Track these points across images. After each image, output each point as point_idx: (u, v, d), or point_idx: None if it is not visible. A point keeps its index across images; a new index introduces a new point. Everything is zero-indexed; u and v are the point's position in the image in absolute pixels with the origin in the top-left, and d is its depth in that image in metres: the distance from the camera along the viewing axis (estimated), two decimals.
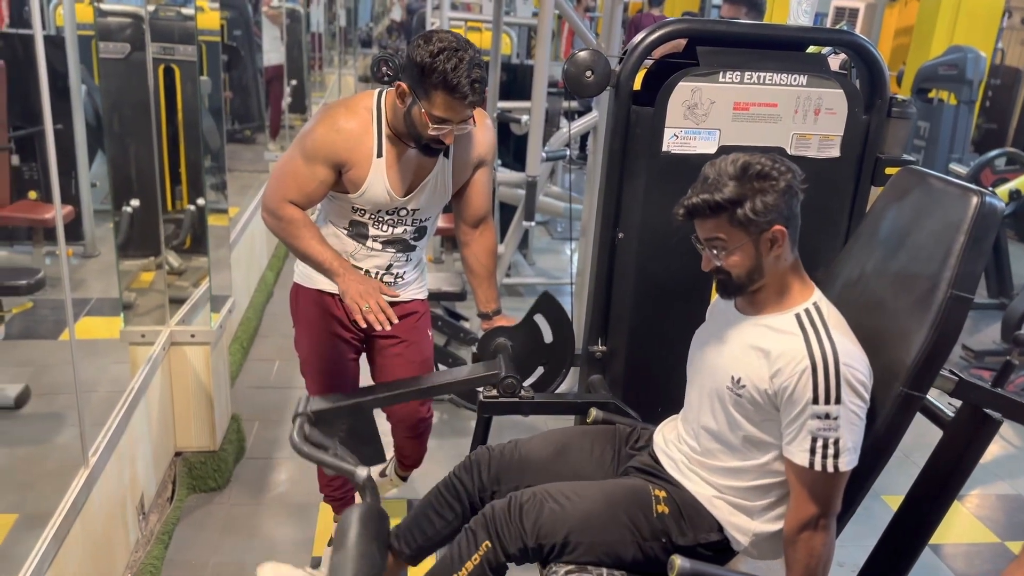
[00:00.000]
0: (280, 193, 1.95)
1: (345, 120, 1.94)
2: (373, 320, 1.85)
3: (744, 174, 1.44)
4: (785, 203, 1.45)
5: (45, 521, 1.78)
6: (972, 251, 1.44)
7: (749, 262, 1.48)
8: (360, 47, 14.30)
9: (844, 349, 1.43)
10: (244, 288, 4.01)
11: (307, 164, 1.92)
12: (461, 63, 1.76)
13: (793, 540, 1.47)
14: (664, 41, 1.99)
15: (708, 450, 1.59)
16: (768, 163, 1.45)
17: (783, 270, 1.51)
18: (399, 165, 1.97)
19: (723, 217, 1.46)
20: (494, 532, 1.54)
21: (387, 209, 2.02)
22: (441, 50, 1.76)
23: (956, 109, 5.29)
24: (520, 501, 1.55)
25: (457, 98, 1.78)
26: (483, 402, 1.96)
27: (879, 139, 2.07)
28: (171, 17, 2.93)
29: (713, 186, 1.45)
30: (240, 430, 2.97)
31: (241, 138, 6.73)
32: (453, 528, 1.72)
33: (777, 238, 1.46)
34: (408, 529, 1.77)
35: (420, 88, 1.81)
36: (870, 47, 2.02)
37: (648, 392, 2.09)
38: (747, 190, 1.44)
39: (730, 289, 1.54)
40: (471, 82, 1.77)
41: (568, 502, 1.55)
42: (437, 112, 1.81)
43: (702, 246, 1.53)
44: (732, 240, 1.47)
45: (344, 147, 1.92)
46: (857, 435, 1.43)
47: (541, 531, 1.52)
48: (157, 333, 2.53)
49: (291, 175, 1.94)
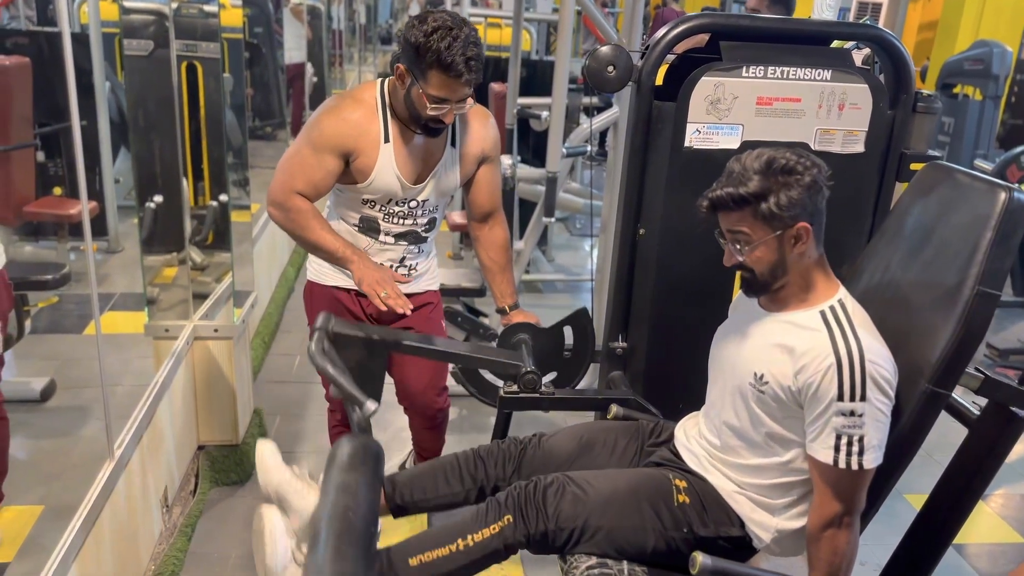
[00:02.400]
0: (288, 185, 1.94)
1: (351, 109, 1.94)
2: (393, 304, 1.81)
3: (769, 168, 1.43)
4: (810, 199, 1.44)
5: (71, 513, 1.80)
6: (999, 247, 1.42)
7: (772, 258, 1.47)
8: (380, 44, 14.35)
9: (869, 346, 1.42)
10: (266, 284, 4.04)
11: (315, 154, 1.92)
12: (456, 41, 1.76)
13: (817, 538, 1.46)
14: (687, 36, 1.98)
15: (730, 447, 1.59)
16: (794, 158, 1.44)
17: (807, 266, 1.50)
18: (407, 152, 1.98)
19: (747, 211, 1.45)
20: (517, 510, 1.53)
21: (397, 200, 2.01)
22: (435, 29, 1.76)
23: (981, 104, 5.22)
24: (544, 484, 1.55)
25: (453, 76, 1.78)
26: (503, 397, 1.96)
27: (904, 134, 2.05)
28: (194, 14, 2.95)
29: (738, 180, 1.45)
30: (262, 424, 2.99)
31: (262, 135, 6.77)
32: (455, 501, 1.71)
33: (801, 235, 1.45)
34: (410, 481, 1.74)
35: (416, 68, 1.81)
36: (895, 41, 2.00)
37: (669, 388, 2.08)
38: (772, 184, 1.43)
39: (754, 287, 1.53)
40: (466, 60, 1.77)
41: (590, 487, 1.55)
42: (433, 91, 1.81)
43: (725, 240, 1.52)
44: (756, 235, 1.46)
45: (351, 135, 1.92)
46: (882, 433, 1.42)
47: (562, 515, 1.52)
48: (181, 328, 2.56)
49: (298, 166, 1.93)
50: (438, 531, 1.57)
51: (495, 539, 1.52)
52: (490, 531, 1.52)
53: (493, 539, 1.51)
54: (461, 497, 1.72)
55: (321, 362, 1.72)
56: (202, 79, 3.19)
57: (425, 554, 1.51)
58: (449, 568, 1.50)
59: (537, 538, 1.53)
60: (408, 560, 1.51)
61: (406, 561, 1.51)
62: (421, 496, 1.72)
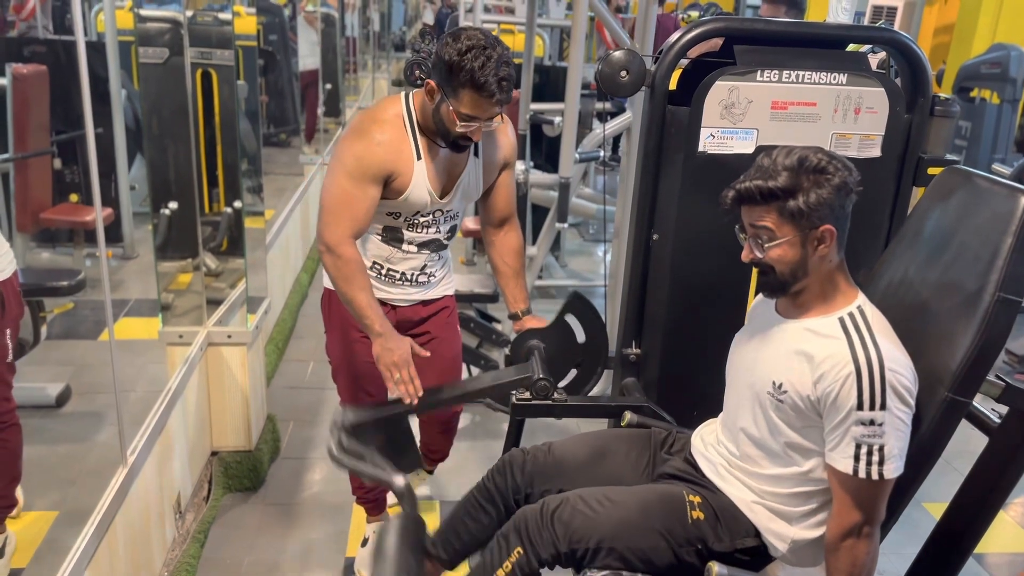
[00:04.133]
0: (339, 227, 1.88)
1: (380, 132, 1.92)
2: (403, 392, 1.86)
3: (801, 166, 1.42)
4: (838, 201, 1.43)
5: (85, 518, 1.80)
6: (1021, 252, 1.39)
7: (794, 258, 1.45)
8: (394, 51, 14.41)
9: (889, 354, 1.40)
10: (279, 290, 4.05)
11: (357, 186, 1.88)
12: (489, 61, 1.75)
13: (836, 548, 1.44)
14: (700, 40, 1.96)
15: (748, 456, 1.57)
16: (826, 158, 1.43)
17: (828, 271, 1.48)
18: (435, 166, 1.98)
19: (773, 207, 1.43)
20: (526, 538, 1.53)
21: (423, 212, 2.01)
22: (469, 48, 1.75)
23: (999, 108, 5.16)
24: (552, 507, 1.54)
25: (485, 96, 1.78)
26: (516, 405, 1.95)
27: (921, 138, 2.02)
28: (208, 22, 2.97)
29: (768, 173, 1.43)
30: (275, 430, 2.99)
31: (277, 142, 6.81)
32: (489, 532, 1.71)
33: (825, 237, 1.44)
34: (445, 534, 1.77)
35: (448, 86, 1.80)
36: (912, 44, 1.98)
37: (683, 396, 2.06)
38: (802, 182, 1.41)
39: (772, 286, 1.51)
40: (499, 80, 1.76)
41: (601, 508, 1.53)
42: (465, 110, 1.81)
43: (745, 235, 1.50)
44: (780, 232, 1.44)
45: (388, 158, 1.90)
46: (903, 442, 1.40)
47: (573, 536, 1.51)
48: (194, 334, 2.56)
49: (343, 203, 1.89)
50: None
51: (512, 575, 1.53)
52: (504, 570, 1.53)
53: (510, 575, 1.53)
54: (494, 526, 1.72)
55: (345, 462, 1.76)
56: (216, 86, 3.21)
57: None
58: None
59: (549, 561, 1.53)
60: None
61: None
62: (459, 543, 1.75)
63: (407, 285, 2.11)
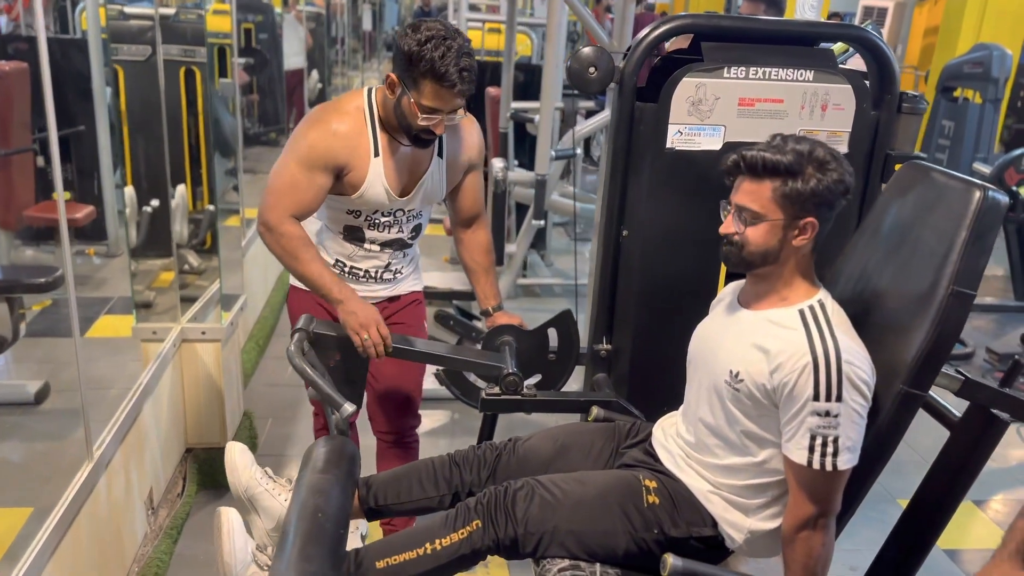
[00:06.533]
0: (280, 206, 1.87)
1: (338, 122, 1.89)
2: (371, 349, 1.85)
3: (810, 154, 1.44)
4: (830, 196, 1.45)
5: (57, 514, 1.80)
6: (974, 247, 1.40)
7: (771, 241, 1.46)
8: (386, 51, 14.40)
9: (847, 346, 1.41)
10: (262, 287, 4.05)
11: (305, 172, 1.86)
12: (449, 51, 1.73)
13: (791, 539, 1.45)
14: (668, 37, 1.97)
15: (705, 445, 1.57)
16: (831, 156, 1.45)
17: (797, 263, 1.49)
18: (395, 163, 1.95)
19: (768, 184, 1.44)
20: (487, 515, 1.52)
21: (384, 211, 1.99)
22: (429, 38, 1.73)
23: (981, 108, 5.19)
24: (514, 489, 1.54)
25: (446, 87, 1.75)
26: (484, 400, 1.95)
27: (889, 135, 2.04)
28: (192, 20, 2.97)
29: (778, 149, 1.44)
30: (252, 427, 2.99)
31: (266, 140, 6.81)
32: (429, 506, 1.70)
33: (807, 229, 1.45)
34: (385, 484, 1.73)
35: (408, 78, 1.78)
36: (878, 41, 1.99)
37: (653, 391, 2.07)
38: (806, 167, 1.43)
39: (736, 261, 1.51)
40: (460, 70, 1.74)
41: (559, 491, 1.54)
42: (426, 102, 1.78)
43: (729, 209, 1.51)
44: (766, 212, 1.45)
45: (342, 150, 1.88)
46: (858, 434, 1.41)
47: (531, 520, 1.51)
48: (168, 330, 2.56)
49: (289, 186, 1.86)
50: (406, 534, 1.57)
51: (463, 544, 1.51)
52: (459, 536, 1.51)
53: (462, 544, 1.50)
54: (435, 502, 1.71)
55: (299, 363, 1.71)
56: (200, 84, 3.21)
57: (393, 557, 1.50)
58: (416, 572, 1.49)
59: (507, 543, 1.52)
60: (375, 563, 1.50)
61: (373, 564, 1.50)
62: (395, 500, 1.71)
63: (371, 282, 2.09)
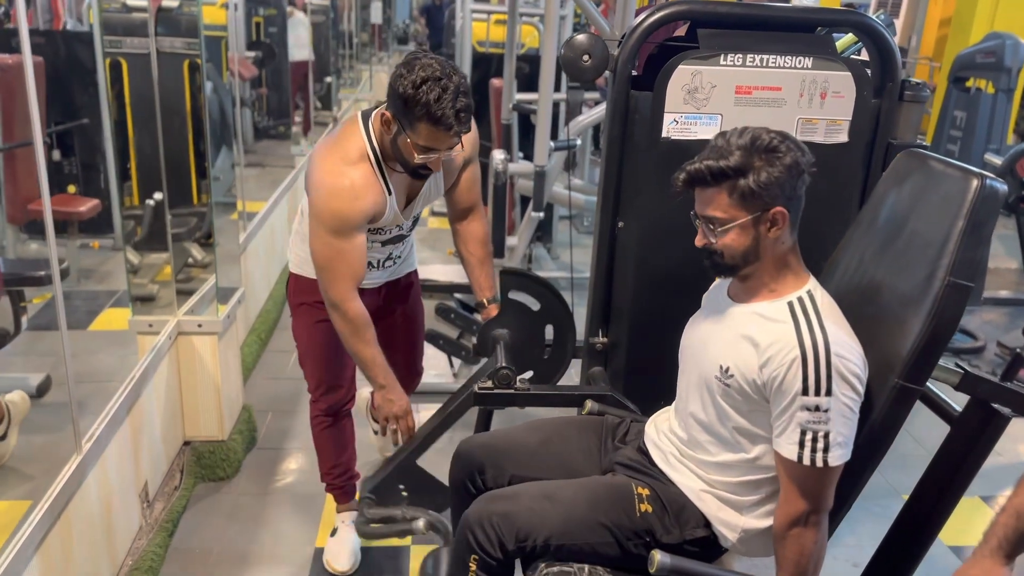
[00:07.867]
0: (338, 281, 1.87)
1: (353, 184, 1.84)
2: (394, 437, 2.06)
3: (753, 146, 1.39)
4: (789, 181, 1.39)
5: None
6: (972, 237, 1.36)
7: (746, 242, 1.42)
8: (396, 44, 14.39)
9: (836, 339, 1.37)
10: (263, 280, 4.04)
11: (344, 240, 1.85)
12: (445, 93, 1.69)
13: (783, 537, 1.41)
14: (663, 23, 1.94)
15: (698, 442, 1.54)
16: (778, 138, 1.40)
17: (781, 254, 1.45)
18: (399, 188, 1.96)
19: (724, 188, 1.40)
20: (476, 544, 1.51)
21: (388, 225, 2.02)
22: (424, 80, 1.69)
23: (994, 98, 5.10)
24: (493, 509, 1.52)
25: (442, 129, 1.72)
26: (477, 394, 1.93)
27: (891, 124, 1.99)
28: (196, 13, 2.95)
29: (719, 153, 1.40)
30: (251, 420, 2.98)
31: (275, 134, 6.80)
32: None
33: (777, 220, 1.41)
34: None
35: (405, 119, 1.75)
36: (879, 27, 1.94)
37: (650, 385, 2.03)
38: (753, 161, 1.38)
39: (720, 268, 1.48)
40: (456, 112, 1.71)
41: (549, 503, 1.52)
42: (423, 142, 1.76)
43: (698, 220, 1.48)
44: (730, 216, 1.41)
45: (368, 207, 1.87)
46: (849, 429, 1.37)
47: (519, 534, 1.49)
48: (164, 323, 2.55)
49: (338, 260, 1.86)
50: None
51: None
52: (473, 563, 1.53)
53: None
54: None
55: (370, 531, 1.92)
56: (199, 77, 3.19)
57: None
58: None
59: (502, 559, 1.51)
60: None
61: None
62: None
63: (374, 270, 2.12)
